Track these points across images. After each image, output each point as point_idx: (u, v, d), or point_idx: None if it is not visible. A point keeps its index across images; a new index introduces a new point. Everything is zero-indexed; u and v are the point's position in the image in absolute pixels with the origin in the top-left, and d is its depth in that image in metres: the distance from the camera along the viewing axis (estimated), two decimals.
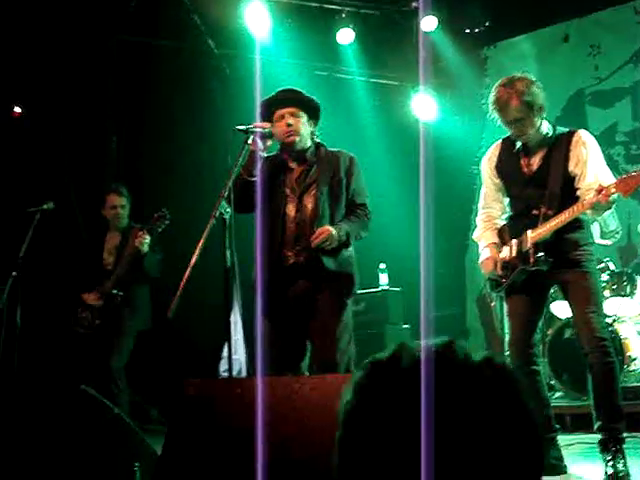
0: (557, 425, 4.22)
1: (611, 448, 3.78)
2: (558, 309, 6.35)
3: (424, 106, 8.40)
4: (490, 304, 7.94)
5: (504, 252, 4.16)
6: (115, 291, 5.75)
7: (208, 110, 8.19)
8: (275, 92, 4.25)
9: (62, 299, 6.28)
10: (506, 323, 4.31)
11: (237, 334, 7.32)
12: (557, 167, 3.98)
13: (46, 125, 7.78)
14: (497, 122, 4.13)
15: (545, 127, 4.07)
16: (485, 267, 4.24)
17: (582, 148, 3.97)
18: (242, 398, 2.91)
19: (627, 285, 6.19)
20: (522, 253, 4.02)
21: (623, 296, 6.13)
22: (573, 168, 3.97)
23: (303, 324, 4.06)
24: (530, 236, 3.98)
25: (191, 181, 8.01)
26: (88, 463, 2.94)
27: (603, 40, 8.00)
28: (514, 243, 4.10)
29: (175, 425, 3.20)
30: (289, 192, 4.16)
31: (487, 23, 8.35)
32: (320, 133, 4.34)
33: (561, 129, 4.12)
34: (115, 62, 8.02)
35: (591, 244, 4.06)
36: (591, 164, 3.94)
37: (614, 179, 3.86)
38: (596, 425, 3.87)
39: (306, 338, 4.10)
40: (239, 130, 3.98)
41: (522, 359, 4.02)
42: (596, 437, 3.89)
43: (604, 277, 6.08)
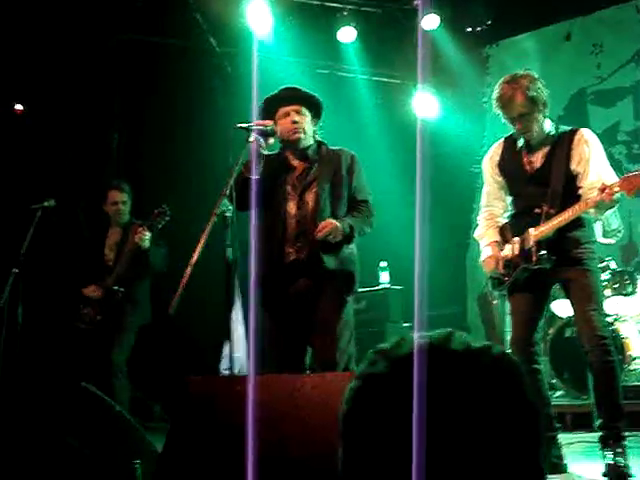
0: (558, 424, 4.22)
1: (611, 444, 3.78)
2: (559, 308, 6.35)
3: (425, 104, 8.40)
4: (491, 302, 7.94)
5: (506, 250, 4.16)
6: (116, 287, 5.76)
7: (209, 108, 8.18)
8: (278, 90, 4.25)
9: (63, 295, 6.29)
10: (507, 321, 4.31)
11: (238, 331, 7.32)
12: (559, 165, 3.97)
13: (47, 122, 7.78)
14: (500, 119, 4.12)
15: (548, 125, 4.06)
16: (487, 265, 4.23)
17: (585, 146, 3.97)
18: (243, 396, 2.91)
19: (628, 284, 6.19)
20: (524, 251, 4.02)
21: (624, 295, 6.13)
22: (575, 166, 3.96)
23: (304, 321, 4.06)
24: (532, 234, 3.98)
25: (192, 178, 8.02)
26: (88, 460, 2.95)
27: (605, 39, 8.00)
28: (516, 241, 4.10)
29: (176, 422, 3.20)
30: (290, 190, 4.16)
31: (489, 21, 8.35)
32: (322, 131, 4.34)
33: (564, 128, 4.11)
34: (117, 60, 8.02)
35: (593, 242, 4.05)
36: (594, 163, 3.93)
37: (616, 178, 3.86)
38: (597, 424, 3.87)
39: (308, 335, 4.09)
40: (241, 128, 3.97)
41: (523, 357, 4.02)
42: (597, 436, 3.89)
43: (605, 276, 6.07)
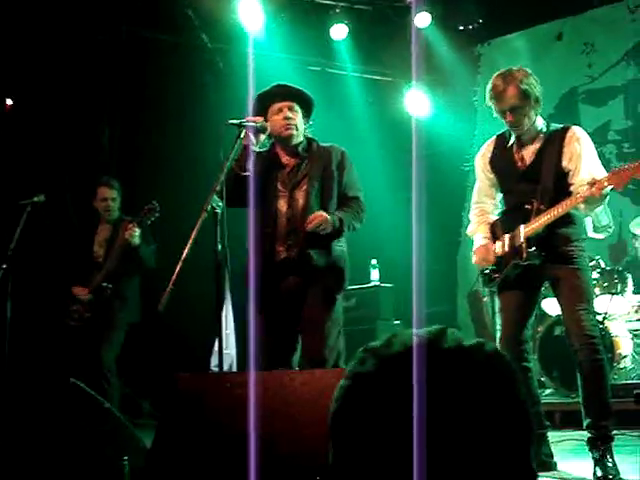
0: (547, 422, 4.23)
1: (600, 446, 3.78)
2: (549, 306, 6.37)
3: (417, 102, 8.41)
4: (481, 300, 7.95)
5: (497, 247, 4.17)
6: (105, 284, 5.74)
7: (201, 104, 8.17)
8: (270, 86, 4.24)
9: (53, 292, 6.27)
10: (497, 319, 4.31)
11: (228, 328, 7.32)
12: (550, 162, 3.98)
13: (37, 117, 7.75)
14: (491, 118, 4.13)
15: (540, 123, 4.07)
16: (478, 254, 4.22)
17: (576, 144, 3.98)
18: (232, 392, 2.91)
19: (618, 283, 6.21)
20: (514, 248, 4.03)
21: (614, 294, 6.15)
22: (567, 164, 3.97)
23: (294, 319, 4.06)
24: (522, 231, 3.99)
25: (183, 174, 8.00)
26: (77, 456, 2.94)
27: (597, 38, 8.02)
28: (507, 238, 4.10)
29: (165, 419, 3.19)
30: (281, 187, 4.15)
31: (481, 20, 8.36)
32: (313, 129, 4.33)
33: (555, 125, 4.12)
34: (108, 55, 7.98)
35: (583, 240, 4.05)
36: (585, 160, 3.94)
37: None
38: (585, 422, 3.88)
39: (297, 332, 4.10)
40: (232, 124, 3.96)
41: (513, 355, 4.02)
42: (585, 434, 3.90)
43: (595, 275, 6.09)
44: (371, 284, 7.75)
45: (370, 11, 8.23)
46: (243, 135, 3.93)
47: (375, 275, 7.83)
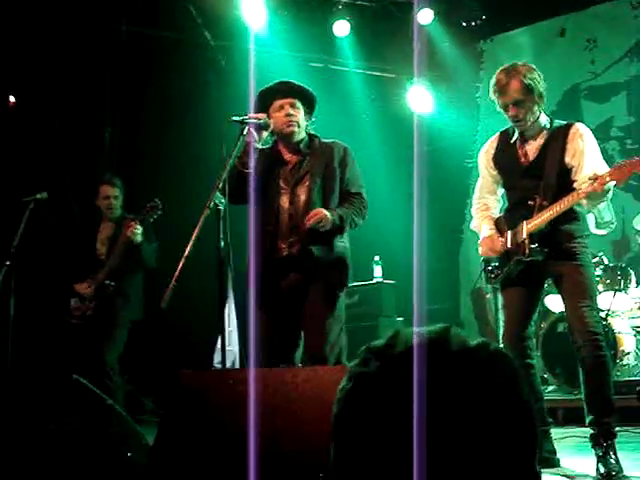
0: (550, 418, 4.23)
1: (602, 443, 3.78)
2: (552, 303, 6.36)
3: (419, 99, 8.40)
4: (484, 297, 7.95)
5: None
6: (107, 281, 5.74)
7: (203, 101, 8.17)
8: (272, 83, 4.23)
9: (55, 289, 6.27)
10: (500, 316, 4.30)
11: (231, 325, 7.32)
12: (553, 158, 3.98)
13: (41, 115, 7.75)
14: (494, 114, 4.12)
15: (543, 119, 4.07)
16: (484, 244, 4.19)
17: (579, 140, 3.97)
18: (234, 389, 2.91)
19: (621, 279, 6.21)
20: (517, 244, 4.02)
21: (617, 290, 6.14)
22: (570, 160, 3.97)
23: (296, 315, 4.06)
24: (525, 227, 3.98)
25: (185, 172, 8.00)
26: (80, 453, 2.94)
27: (600, 34, 8.00)
28: (509, 234, 4.10)
29: (168, 416, 3.19)
30: (283, 184, 4.14)
31: (483, 16, 8.35)
32: (315, 125, 4.33)
33: (558, 122, 4.12)
34: (110, 53, 7.98)
35: (586, 236, 4.05)
36: (588, 156, 3.93)
37: None
38: (588, 419, 3.88)
39: (299, 329, 4.09)
40: (234, 121, 3.96)
41: (516, 352, 4.02)
42: (588, 430, 3.90)
43: (598, 271, 6.09)
44: (374, 281, 7.74)
45: (373, 7, 8.23)
46: (246, 132, 3.93)
47: (378, 272, 7.82)
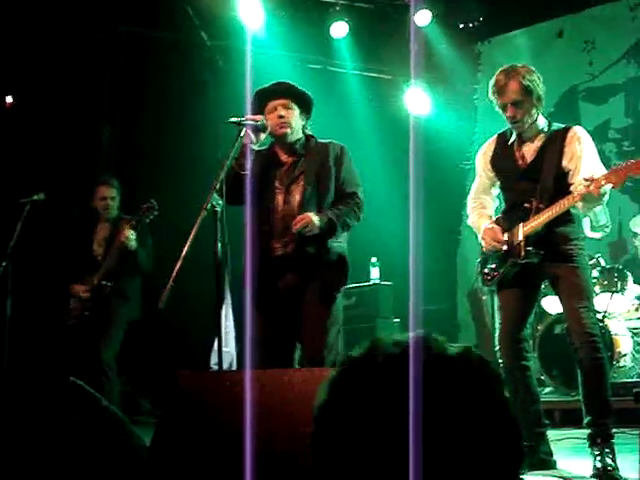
0: (547, 420, 4.23)
1: (600, 443, 3.79)
2: (549, 304, 6.37)
3: (417, 100, 8.40)
4: (481, 299, 7.95)
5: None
6: (104, 282, 5.74)
7: (200, 102, 8.17)
8: (269, 84, 4.23)
9: (52, 290, 6.27)
10: (497, 317, 4.30)
11: (228, 326, 7.32)
12: (551, 161, 3.98)
13: (38, 115, 7.75)
14: (491, 116, 4.13)
15: (541, 122, 4.08)
16: (486, 236, 4.14)
17: (577, 144, 3.98)
18: (231, 391, 2.91)
19: (618, 281, 6.21)
20: (513, 246, 4.02)
21: (614, 292, 6.14)
22: (567, 163, 3.97)
23: (293, 316, 4.05)
24: (521, 229, 3.99)
25: (183, 173, 7.99)
26: (75, 455, 2.93)
27: (597, 36, 8.01)
28: (506, 236, 4.10)
29: (165, 417, 3.19)
30: (278, 184, 4.14)
31: (481, 18, 8.35)
32: (312, 126, 4.32)
33: (556, 125, 4.12)
34: (107, 53, 7.98)
35: (582, 239, 4.06)
36: (585, 160, 3.94)
37: None
38: (585, 420, 3.88)
39: (296, 330, 4.08)
40: (231, 122, 3.96)
41: (512, 354, 4.03)
42: (585, 432, 3.90)
43: (595, 273, 6.09)
44: (371, 282, 7.75)
45: (370, 9, 8.22)
46: (243, 134, 3.93)
47: (375, 273, 7.82)
